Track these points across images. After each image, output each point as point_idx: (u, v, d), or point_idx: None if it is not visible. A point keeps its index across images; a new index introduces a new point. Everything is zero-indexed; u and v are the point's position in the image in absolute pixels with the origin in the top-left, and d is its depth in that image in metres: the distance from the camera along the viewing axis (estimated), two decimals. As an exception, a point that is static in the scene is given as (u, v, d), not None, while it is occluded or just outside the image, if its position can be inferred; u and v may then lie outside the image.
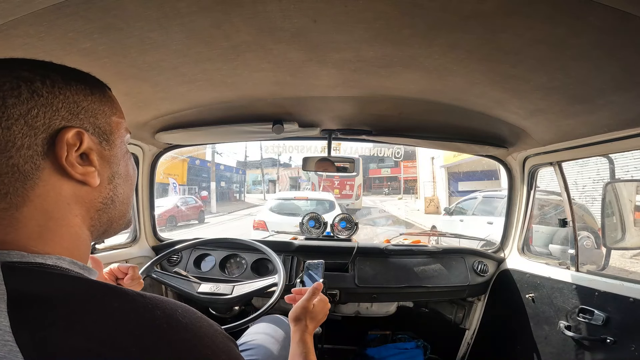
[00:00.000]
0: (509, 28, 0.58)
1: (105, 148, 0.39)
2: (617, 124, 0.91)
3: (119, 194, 0.41)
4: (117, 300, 0.31)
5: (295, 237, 1.73)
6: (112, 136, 0.40)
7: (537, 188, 1.46)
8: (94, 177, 0.37)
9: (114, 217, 0.41)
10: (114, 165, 0.41)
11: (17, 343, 0.27)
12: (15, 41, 0.58)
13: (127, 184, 0.43)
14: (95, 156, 0.38)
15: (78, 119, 0.37)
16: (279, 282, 1.13)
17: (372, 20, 0.59)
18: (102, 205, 0.40)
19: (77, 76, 0.39)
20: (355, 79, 0.87)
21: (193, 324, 0.33)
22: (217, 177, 18.28)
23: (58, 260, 0.34)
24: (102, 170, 0.39)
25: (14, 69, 0.34)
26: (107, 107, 0.41)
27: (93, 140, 0.38)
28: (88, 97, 0.38)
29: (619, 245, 1.33)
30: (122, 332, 0.29)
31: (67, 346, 0.27)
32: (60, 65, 0.39)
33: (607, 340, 1.01)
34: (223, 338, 0.35)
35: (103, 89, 0.41)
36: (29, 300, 0.29)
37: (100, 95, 0.40)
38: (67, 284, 0.32)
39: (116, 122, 0.42)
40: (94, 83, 0.41)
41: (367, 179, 26.33)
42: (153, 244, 1.57)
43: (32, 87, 0.34)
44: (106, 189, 0.40)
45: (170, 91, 0.92)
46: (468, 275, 1.52)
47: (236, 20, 0.59)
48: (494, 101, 0.94)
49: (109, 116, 0.41)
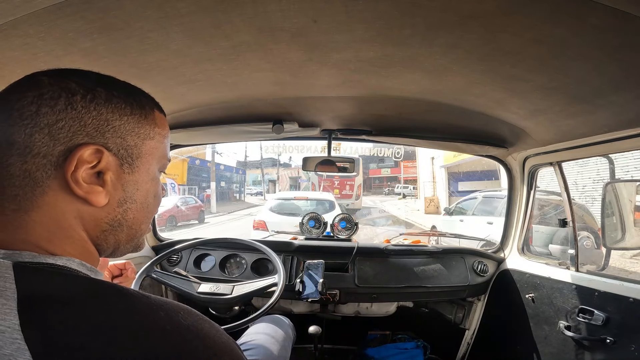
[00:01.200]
0: (509, 28, 0.58)
1: (126, 171, 0.38)
2: (617, 124, 0.91)
3: (129, 218, 0.40)
4: (124, 301, 0.32)
5: (295, 237, 1.73)
6: (138, 160, 0.39)
7: (537, 188, 1.46)
8: (99, 197, 0.36)
9: (121, 240, 0.41)
10: (130, 189, 0.39)
11: (26, 341, 0.27)
12: (15, 41, 0.58)
13: (143, 211, 0.42)
14: (110, 176, 0.37)
15: (103, 137, 0.36)
16: (279, 282, 1.13)
17: (372, 20, 0.59)
18: (109, 226, 0.39)
19: (124, 93, 0.38)
20: (355, 79, 0.87)
21: (195, 326, 0.33)
22: (217, 177, 18.28)
23: (68, 261, 0.35)
24: (114, 191, 0.38)
25: (63, 79, 0.35)
26: (145, 129, 0.40)
27: (113, 160, 0.37)
28: (124, 116, 0.38)
29: (619, 245, 1.33)
30: (127, 332, 0.30)
31: (75, 345, 0.28)
32: (112, 79, 0.39)
33: (607, 341, 1.01)
34: (225, 339, 0.36)
35: (146, 109, 0.40)
36: (38, 300, 0.29)
37: (139, 116, 0.39)
38: (76, 285, 0.32)
39: (149, 147, 0.40)
40: (140, 102, 0.40)
41: (367, 179, 26.35)
42: (153, 244, 1.57)
43: (70, 100, 0.34)
44: (115, 211, 0.39)
45: (170, 91, 0.92)
46: (468, 275, 1.52)
47: (236, 20, 0.59)
48: (494, 101, 0.94)
49: (143, 139, 0.40)
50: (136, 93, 0.40)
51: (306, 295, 1.33)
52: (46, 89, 0.34)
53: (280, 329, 1.15)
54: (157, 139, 0.41)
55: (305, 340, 1.44)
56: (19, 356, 0.27)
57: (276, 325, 1.17)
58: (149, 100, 0.42)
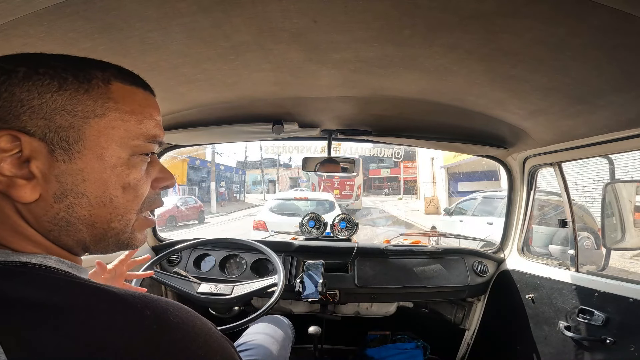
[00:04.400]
0: (509, 28, 0.58)
1: (59, 158, 0.32)
2: (617, 125, 0.91)
3: (81, 216, 0.34)
4: (105, 301, 0.30)
5: (295, 238, 1.73)
6: (78, 144, 0.32)
7: (537, 188, 1.46)
8: (20, 191, 0.31)
9: (84, 240, 0.35)
10: (70, 180, 0.32)
11: (2, 345, 0.26)
12: (16, 41, 0.58)
13: (104, 206, 0.34)
14: (36, 166, 0.31)
15: (19, 120, 0.31)
16: (278, 283, 1.13)
17: (372, 20, 0.59)
18: (53, 226, 0.33)
19: (54, 68, 0.32)
20: (355, 79, 0.87)
21: (185, 324, 0.32)
22: (217, 177, 18.28)
23: (44, 259, 0.32)
24: (45, 184, 0.32)
25: None
26: (84, 105, 0.33)
27: (39, 146, 0.31)
28: (47, 93, 0.31)
29: (619, 245, 1.33)
30: (109, 333, 0.28)
31: (54, 349, 0.27)
32: (45, 56, 0.34)
33: (607, 341, 1.01)
34: (217, 337, 0.34)
35: (91, 82, 0.33)
36: (13, 302, 0.28)
37: (75, 90, 0.32)
38: (53, 285, 0.30)
39: (100, 127, 0.33)
40: (82, 75, 0.33)
41: (367, 179, 26.34)
42: (153, 244, 1.57)
43: None
44: (53, 207, 0.32)
45: (170, 91, 0.92)
46: (468, 275, 1.52)
47: (236, 20, 0.59)
48: (494, 101, 0.94)
49: (84, 118, 0.32)
50: (82, 66, 0.34)
51: (306, 296, 1.33)
52: None
53: (279, 329, 1.15)
54: (111, 116, 0.34)
55: (305, 340, 1.44)
56: None
57: (275, 325, 1.17)
58: (104, 71, 0.35)
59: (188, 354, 0.31)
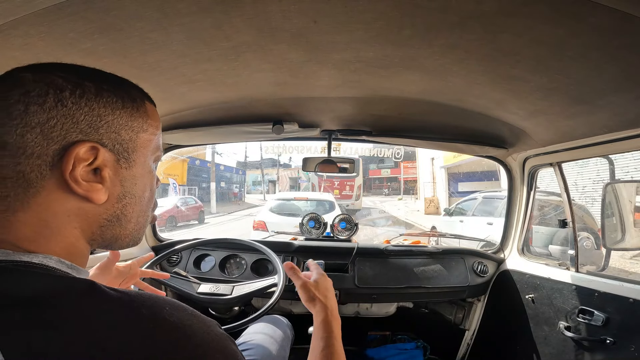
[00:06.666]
0: (509, 28, 0.58)
1: (123, 166, 0.38)
2: (617, 125, 0.91)
3: (127, 213, 0.39)
4: (102, 300, 0.31)
5: (295, 238, 1.73)
6: (134, 154, 0.39)
7: (537, 189, 1.46)
8: (99, 194, 0.36)
9: (119, 235, 0.40)
10: (128, 184, 0.39)
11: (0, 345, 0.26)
12: (16, 41, 0.58)
13: (140, 204, 0.41)
14: (108, 173, 0.36)
15: (97, 133, 0.35)
16: (278, 283, 1.13)
17: (372, 20, 0.59)
18: (107, 222, 0.38)
19: (112, 86, 0.37)
20: (355, 79, 0.87)
21: (182, 322, 0.32)
22: (217, 178, 18.28)
23: (45, 258, 0.33)
24: (112, 187, 0.37)
25: (48, 75, 0.34)
26: (138, 122, 0.39)
27: (109, 156, 0.36)
28: (117, 110, 0.36)
29: (619, 246, 1.32)
30: (106, 333, 0.29)
31: (51, 348, 0.27)
32: (97, 72, 0.38)
33: (607, 341, 1.01)
34: (217, 335, 0.34)
35: (137, 101, 0.39)
36: (11, 301, 0.28)
37: (131, 109, 0.38)
38: (51, 284, 0.31)
39: (144, 140, 0.40)
40: (130, 94, 0.39)
41: (367, 179, 26.36)
42: (153, 244, 1.57)
43: (59, 96, 0.33)
44: (114, 207, 0.38)
45: (170, 91, 0.92)
46: (468, 275, 1.51)
47: (236, 20, 0.59)
48: (494, 102, 0.94)
49: (137, 132, 0.39)
50: (125, 85, 0.39)
51: (306, 296, 1.33)
52: (31, 86, 0.33)
53: (278, 328, 1.15)
54: (150, 131, 0.40)
55: (305, 340, 1.43)
56: None
57: (274, 325, 1.17)
58: (139, 92, 0.40)
59: (185, 353, 0.30)
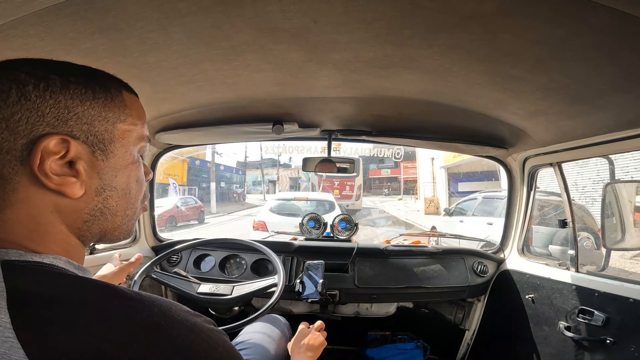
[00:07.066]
0: (509, 29, 0.58)
1: (99, 158, 0.37)
2: (617, 125, 0.91)
3: (111, 206, 0.39)
4: (116, 298, 0.32)
5: (295, 238, 1.73)
6: (111, 145, 0.38)
7: (537, 189, 1.46)
8: (73, 188, 0.35)
9: (106, 229, 0.39)
10: (107, 176, 0.38)
11: (19, 339, 0.27)
12: (16, 41, 0.58)
13: (126, 197, 0.40)
14: (82, 166, 0.35)
15: (67, 126, 0.34)
16: (278, 283, 1.13)
17: (372, 21, 0.59)
18: (90, 217, 0.37)
19: (81, 77, 0.36)
20: (355, 79, 0.87)
21: (188, 320, 0.34)
22: (217, 178, 18.28)
23: (55, 259, 0.34)
24: (89, 180, 0.36)
25: (13, 71, 0.33)
26: (113, 113, 0.38)
27: (83, 148, 0.35)
28: (86, 101, 0.35)
29: (619, 246, 1.32)
30: (121, 329, 0.30)
31: (69, 343, 0.28)
32: (66, 65, 0.37)
33: (607, 341, 1.01)
34: (218, 333, 0.37)
35: (111, 91, 0.38)
36: (28, 298, 0.29)
37: (104, 99, 0.37)
38: (65, 283, 0.32)
39: (122, 131, 0.39)
40: (103, 85, 0.38)
41: (367, 179, 26.35)
42: (153, 244, 1.57)
43: (22, 91, 0.32)
44: (94, 200, 0.37)
45: (170, 91, 0.92)
46: (468, 275, 1.51)
47: (236, 20, 0.59)
48: (494, 102, 0.94)
49: (113, 123, 0.38)
50: (98, 76, 0.38)
51: (306, 296, 1.33)
52: None
53: (276, 328, 1.15)
54: (129, 121, 0.39)
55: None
56: (12, 354, 0.27)
57: (272, 324, 1.17)
58: (115, 82, 0.39)
59: (194, 347, 0.33)
